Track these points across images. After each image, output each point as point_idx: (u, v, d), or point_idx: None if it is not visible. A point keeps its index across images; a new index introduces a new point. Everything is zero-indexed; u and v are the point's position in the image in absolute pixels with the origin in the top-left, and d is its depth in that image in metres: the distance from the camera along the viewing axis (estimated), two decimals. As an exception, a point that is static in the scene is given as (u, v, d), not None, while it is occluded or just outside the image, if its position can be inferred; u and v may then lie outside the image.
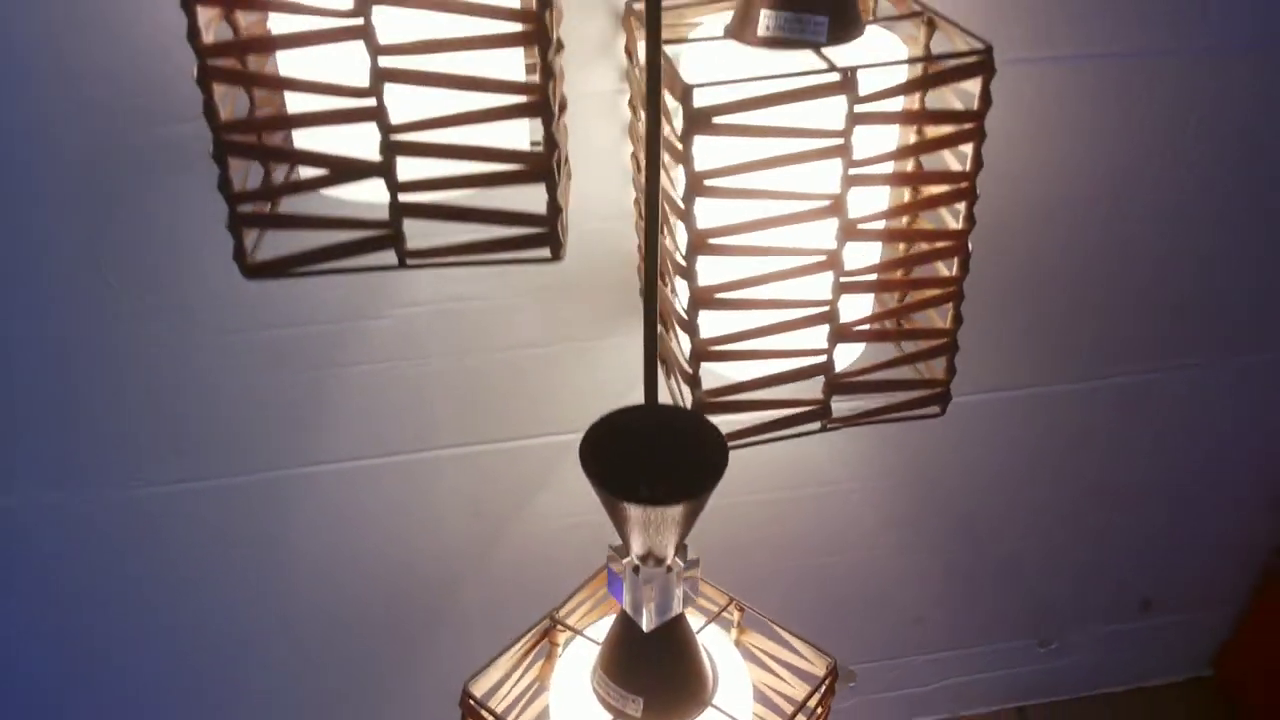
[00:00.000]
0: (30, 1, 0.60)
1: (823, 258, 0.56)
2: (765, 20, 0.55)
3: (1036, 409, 0.93)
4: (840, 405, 0.61)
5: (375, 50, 0.45)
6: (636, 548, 0.54)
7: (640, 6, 0.63)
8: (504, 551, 0.93)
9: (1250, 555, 1.13)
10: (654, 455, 0.52)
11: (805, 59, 0.54)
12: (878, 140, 0.54)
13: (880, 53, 0.57)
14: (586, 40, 0.66)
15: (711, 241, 0.54)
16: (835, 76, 0.51)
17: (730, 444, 0.62)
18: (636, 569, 0.56)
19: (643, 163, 0.50)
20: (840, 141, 0.52)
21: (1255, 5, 0.71)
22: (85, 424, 0.77)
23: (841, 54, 0.55)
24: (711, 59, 0.57)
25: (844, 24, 0.55)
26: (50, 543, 0.83)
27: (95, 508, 0.81)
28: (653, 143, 0.49)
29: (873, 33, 0.58)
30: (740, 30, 0.56)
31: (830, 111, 0.52)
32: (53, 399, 0.75)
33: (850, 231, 0.55)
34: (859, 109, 0.52)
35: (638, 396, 0.84)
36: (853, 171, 0.53)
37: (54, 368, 0.74)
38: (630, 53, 0.64)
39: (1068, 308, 0.86)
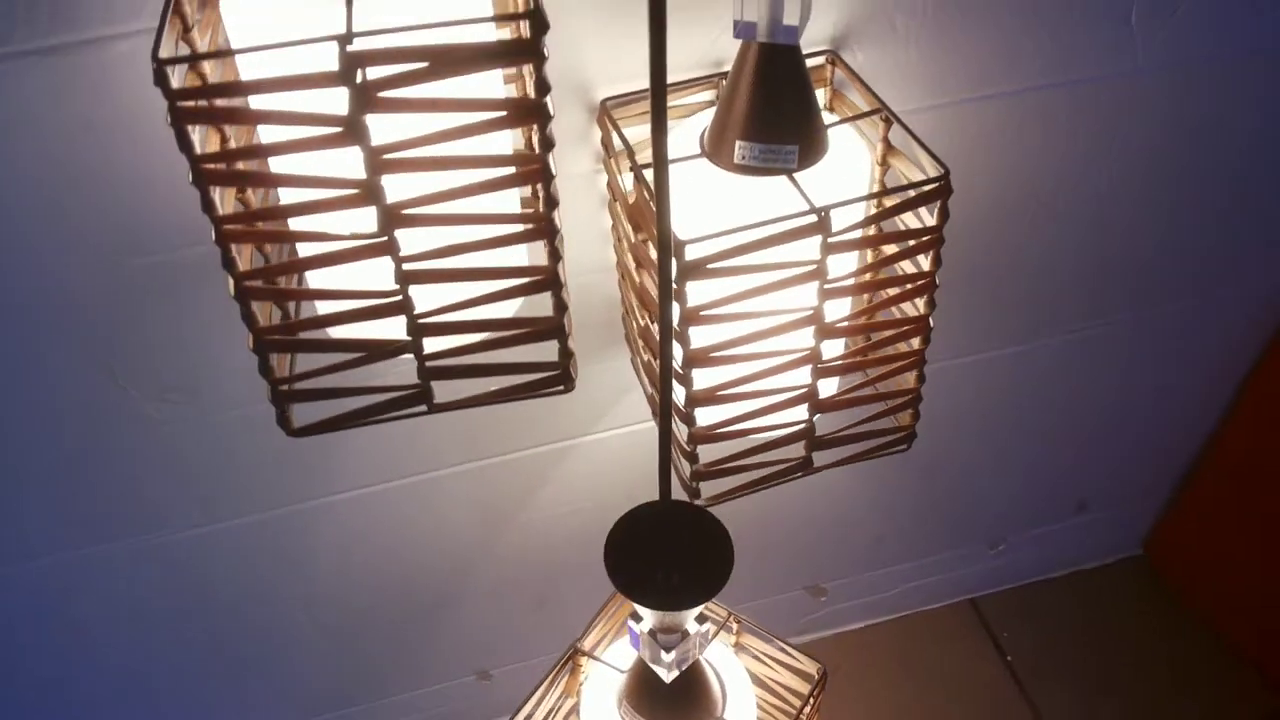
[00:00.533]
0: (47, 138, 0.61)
1: (804, 352, 0.62)
2: (740, 151, 0.59)
3: (982, 369, 1.02)
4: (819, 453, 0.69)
5: (386, 210, 0.48)
6: (655, 623, 0.63)
7: (611, 102, 0.67)
8: (508, 540, 1.02)
9: (1169, 460, 1.26)
10: (669, 554, 0.59)
11: (779, 188, 0.59)
12: (849, 258, 0.60)
13: (846, 164, 0.62)
14: (565, 130, 0.69)
15: (708, 355, 0.60)
16: (812, 218, 0.56)
17: (723, 501, 0.70)
18: (654, 634, 0.64)
19: (625, 231, 0.55)
20: (816, 267, 0.58)
21: (1170, 33, 0.76)
22: (116, 485, 0.82)
23: (812, 177, 0.59)
24: (693, 186, 0.61)
25: (812, 148, 0.60)
26: (106, 584, 0.90)
27: (132, 552, 0.88)
28: (665, 281, 0.53)
29: (836, 140, 0.63)
30: (715, 153, 0.61)
31: (807, 243, 0.57)
32: (85, 468, 0.81)
33: (827, 332, 0.62)
34: (833, 240, 0.57)
35: (621, 409, 0.92)
36: (828, 286, 0.59)
37: (83, 446, 0.79)
38: (607, 145, 0.68)
39: (1000, 290, 0.94)
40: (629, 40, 0.66)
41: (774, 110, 0.58)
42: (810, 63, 0.69)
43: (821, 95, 0.71)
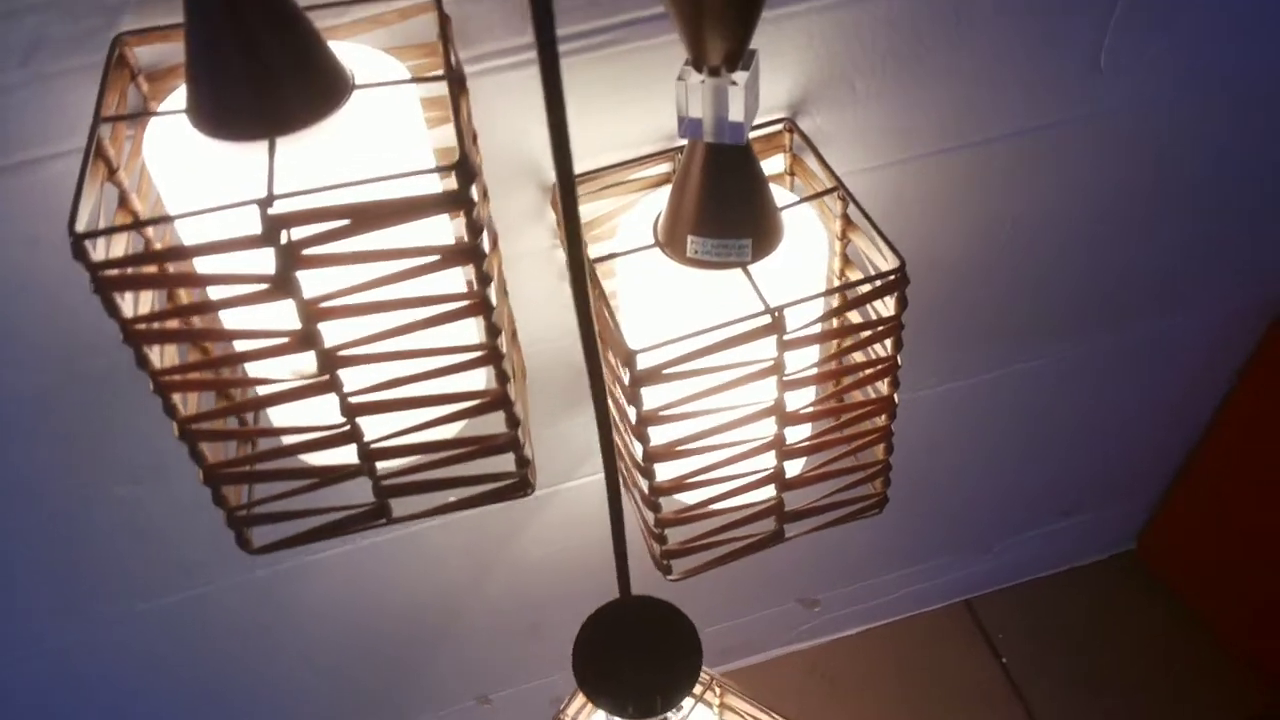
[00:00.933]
0: None
1: (767, 439, 0.62)
2: (693, 245, 0.58)
3: (964, 394, 1.01)
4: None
5: (325, 354, 0.47)
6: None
7: (568, 184, 0.66)
8: (498, 578, 1.02)
9: (1160, 459, 1.26)
10: (635, 660, 0.59)
11: (733, 282, 0.58)
12: (809, 350, 0.59)
13: (804, 246, 0.61)
14: (520, 209, 0.68)
15: (670, 450, 0.60)
16: (766, 319, 0.55)
17: (695, 574, 0.70)
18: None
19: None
20: (773, 363, 0.57)
21: (1140, 75, 0.74)
22: (99, 561, 0.83)
23: (768, 265, 0.58)
24: (647, 274, 0.60)
25: (766, 239, 0.58)
26: (102, 656, 0.91)
27: (124, 618, 0.89)
28: (597, 383, 0.53)
29: (794, 218, 0.61)
30: (668, 244, 0.60)
31: (764, 342, 0.56)
32: (67, 549, 0.81)
33: (790, 419, 0.61)
34: (789, 337, 0.56)
35: (598, 457, 0.91)
36: (788, 378, 0.59)
37: (64, 532, 0.79)
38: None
39: (973, 323, 0.93)
40: (579, 118, 0.65)
41: (725, 206, 0.57)
42: (767, 130, 0.68)
43: (780, 161, 0.70)
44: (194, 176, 0.46)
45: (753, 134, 0.68)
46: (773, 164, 0.70)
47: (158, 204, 0.52)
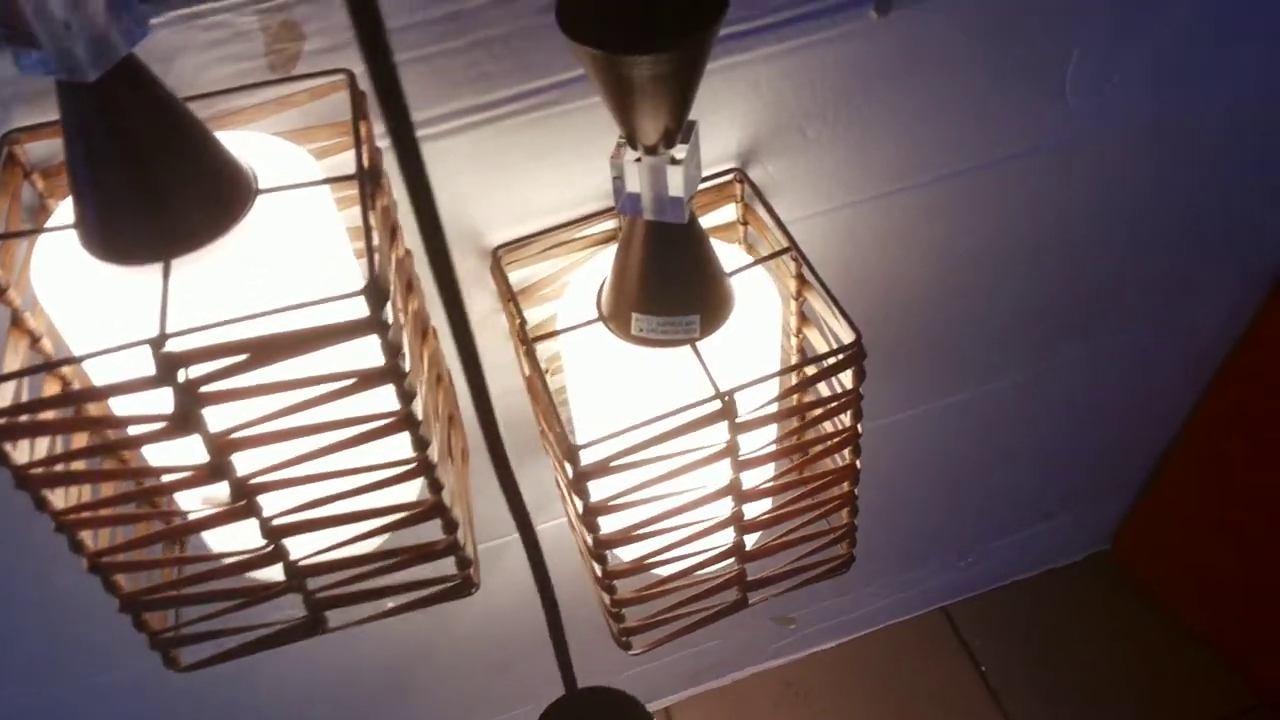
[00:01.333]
0: None
1: (724, 516, 0.59)
2: (638, 323, 0.55)
3: (934, 417, 0.98)
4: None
5: (239, 483, 0.44)
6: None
7: (503, 251, 0.63)
8: (466, 621, 1.00)
9: (1134, 461, 1.24)
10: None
11: (682, 360, 0.55)
12: (765, 430, 0.56)
13: (757, 313, 0.58)
14: (462, 274, 0.64)
15: (625, 536, 0.57)
16: (717, 404, 0.52)
17: (657, 646, 0.67)
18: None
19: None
20: (726, 445, 0.54)
21: (1106, 102, 0.71)
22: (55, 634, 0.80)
23: (716, 345, 0.55)
24: (589, 354, 0.57)
25: (715, 313, 0.55)
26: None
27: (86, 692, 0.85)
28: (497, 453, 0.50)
29: (746, 285, 0.58)
30: (612, 319, 0.56)
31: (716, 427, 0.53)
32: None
33: (747, 496, 0.58)
34: (741, 420, 0.53)
35: (557, 505, 0.88)
36: (743, 458, 0.56)
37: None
38: (502, 293, 0.63)
39: (936, 353, 0.90)
40: (516, 182, 0.61)
41: (669, 282, 0.54)
42: (717, 181, 0.65)
43: (732, 210, 0.66)
44: (85, 304, 0.42)
45: (701, 186, 0.64)
46: (724, 213, 0.67)
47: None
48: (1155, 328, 0.99)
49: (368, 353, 0.42)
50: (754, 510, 0.60)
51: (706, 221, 0.67)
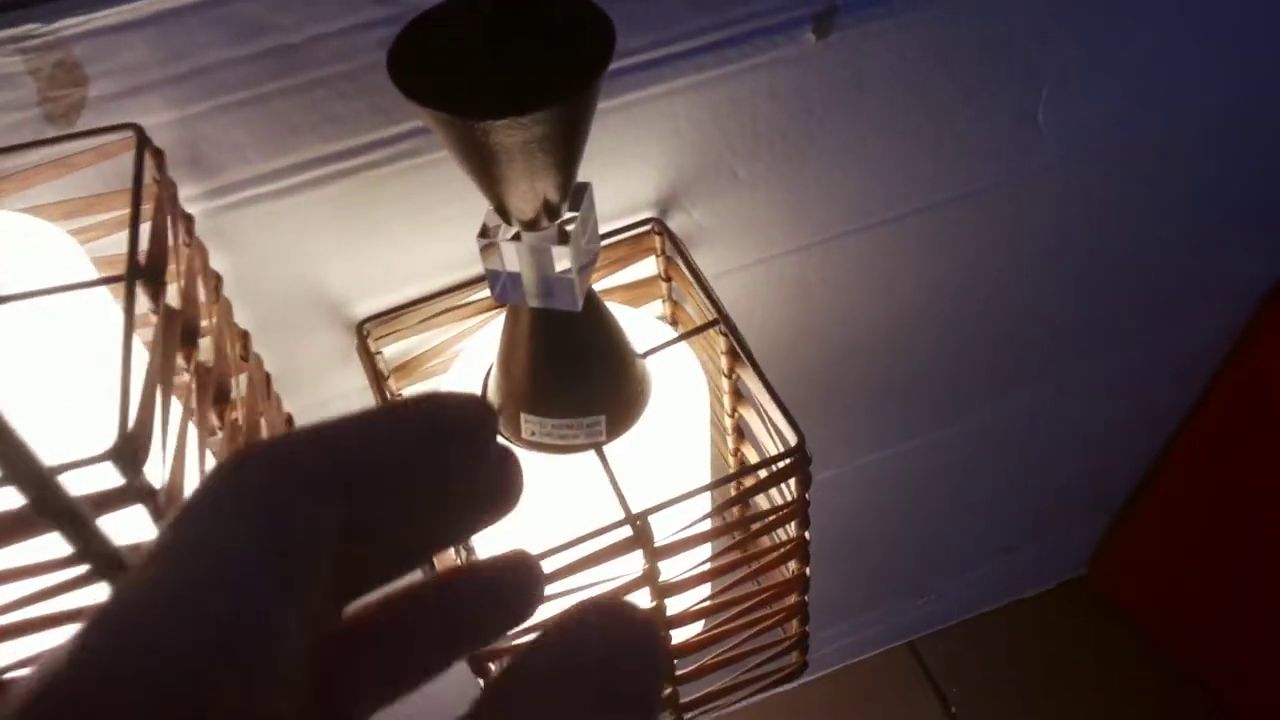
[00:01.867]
0: None
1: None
2: (528, 426, 0.44)
3: (898, 461, 0.89)
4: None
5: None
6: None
7: (371, 325, 0.52)
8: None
9: (1108, 488, 1.16)
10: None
11: (586, 467, 0.44)
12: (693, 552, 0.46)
13: (675, 411, 0.47)
14: (327, 350, 0.54)
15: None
16: (626, 531, 0.42)
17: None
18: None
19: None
20: (644, 573, 0.44)
21: (1080, 124, 0.62)
22: None
23: (627, 449, 0.45)
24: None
25: (624, 410, 0.45)
26: None
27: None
28: None
29: (665, 364, 0.48)
30: (504, 421, 0.46)
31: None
32: None
33: (677, 621, 0.48)
34: (660, 545, 0.43)
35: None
36: (664, 583, 0.45)
37: None
38: (369, 371, 0.52)
39: (912, 389, 0.81)
40: (381, 245, 0.50)
41: (565, 379, 0.43)
42: (634, 232, 0.54)
43: (653, 265, 0.56)
44: None
45: (617, 238, 0.54)
46: (644, 267, 0.57)
47: None
48: (1128, 358, 0.90)
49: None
50: (686, 633, 0.50)
51: (623, 277, 0.56)
